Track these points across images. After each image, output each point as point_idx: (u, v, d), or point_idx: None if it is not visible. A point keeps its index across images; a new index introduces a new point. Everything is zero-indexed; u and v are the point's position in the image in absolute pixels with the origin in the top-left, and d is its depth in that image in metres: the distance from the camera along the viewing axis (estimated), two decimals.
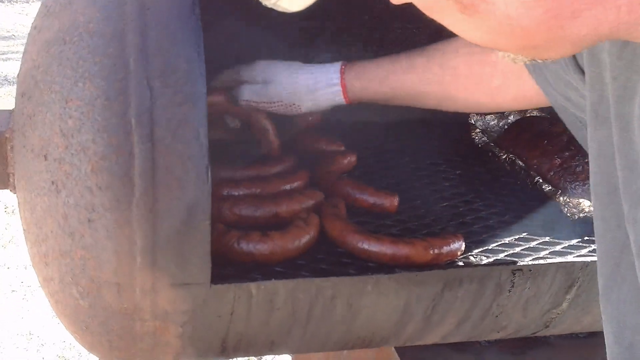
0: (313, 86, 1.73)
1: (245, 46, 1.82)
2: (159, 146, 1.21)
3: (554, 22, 0.74)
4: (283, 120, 1.94)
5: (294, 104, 1.78)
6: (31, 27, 1.41)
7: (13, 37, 6.20)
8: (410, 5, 0.82)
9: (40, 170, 1.27)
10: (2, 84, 5.52)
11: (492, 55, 1.50)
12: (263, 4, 0.87)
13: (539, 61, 0.86)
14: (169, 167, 1.22)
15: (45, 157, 1.25)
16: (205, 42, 1.26)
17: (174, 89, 1.23)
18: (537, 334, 1.77)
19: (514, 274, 1.50)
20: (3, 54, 5.90)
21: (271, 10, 1.68)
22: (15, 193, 1.43)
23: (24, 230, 1.42)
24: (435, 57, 1.57)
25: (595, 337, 1.95)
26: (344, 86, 1.71)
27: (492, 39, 0.81)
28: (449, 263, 1.53)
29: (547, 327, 1.71)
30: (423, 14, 0.83)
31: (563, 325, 1.72)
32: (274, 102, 1.77)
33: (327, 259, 1.53)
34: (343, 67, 1.70)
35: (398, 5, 0.83)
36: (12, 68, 5.67)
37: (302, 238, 1.51)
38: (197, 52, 1.26)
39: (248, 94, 1.77)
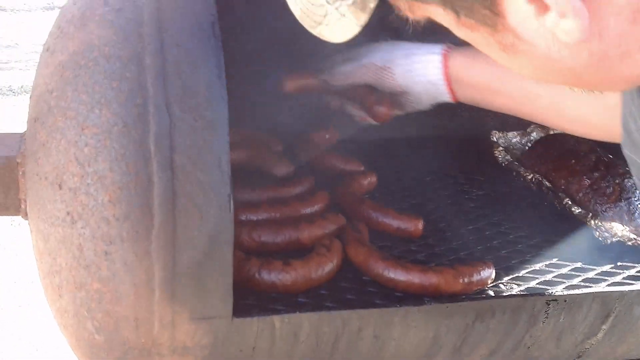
0: (411, 50, 1.58)
1: (267, 62, 1.76)
2: (179, 174, 1.15)
3: (602, 64, 0.71)
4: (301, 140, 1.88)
5: (385, 67, 1.61)
6: (43, 48, 1.36)
7: (17, 45, 6.18)
8: None
9: (54, 199, 1.21)
10: (7, 95, 5.48)
11: None
12: (310, 32, 0.85)
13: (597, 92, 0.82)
14: (189, 196, 1.16)
15: (60, 186, 1.19)
16: (226, 60, 1.21)
17: (194, 114, 1.17)
18: None
19: (549, 305, 1.43)
20: (6, 63, 5.87)
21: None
22: (27, 220, 1.37)
23: (36, 259, 1.36)
24: None
25: None
26: (445, 57, 1.54)
27: (539, 75, 0.78)
28: (479, 292, 1.47)
29: (579, 357, 1.64)
30: None
31: (597, 355, 1.65)
32: (366, 66, 1.63)
33: (352, 288, 1.47)
34: (448, 47, 1.55)
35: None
36: (16, 78, 5.63)
37: (325, 266, 1.44)
38: (217, 76, 1.20)
39: (343, 66, 1.67)
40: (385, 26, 1.13)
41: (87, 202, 1.17)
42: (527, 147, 2.13)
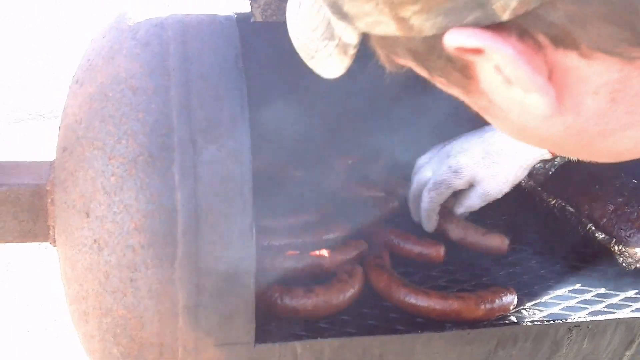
0: (522, 160, 1.64)
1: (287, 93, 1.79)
2: (203, 203, 1.18)
3: (579, 139, 0.68)
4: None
5: (512, 183, 1.69)
6: (72, 79, 1.40)
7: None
8: None
9: (81, 227, 1.24)
10: (34, 119, 5.58)
11: None
12: (305, 61, 0.86)
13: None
14: (212, 225, 1.18)
15: (87, 215, 1.23)
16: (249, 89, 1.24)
17: (218, 144, 1.20)
18: None
19: (571, 331, 1.43)
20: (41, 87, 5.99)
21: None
22: (55, 246, 1.40)
23: (63, 284, 1.39)
24: None
25: None
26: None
27: (520, 138, 0.75)
28: (501, 318, 1.47)
29: None
30: None
31: None
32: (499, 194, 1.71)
33: (373, 314, 1.48)
34: None
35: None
36: (47, 102, 5.74)
37: (347, 292, 1.46)
38: (240, 106, 1.23)
39: (478, 204, 1.72)
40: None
41: (113, 229, 1.20)
42: (550, 173, 2.13)
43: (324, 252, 1.57)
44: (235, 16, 1.37)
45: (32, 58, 6.61)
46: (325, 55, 0.77)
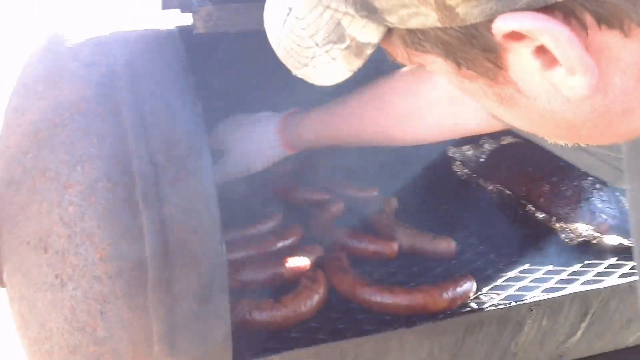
0: (258, 147, 1.69)
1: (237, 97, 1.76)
2: (170, 224, 1.14)
3: (602, 120, 0.71)
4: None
5: (249, 168, 1.73)
6: (7, 108, 1.32)
7: None
8: None
9: (39, 263, 1.17)
10: None
11: (425, 90, 1.47)
12: (293, 72, 0.82)
13: (583, 145, 0.83)
14: (182, 245, 1.15)
15: (45, 250, 1.16)
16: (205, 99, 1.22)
17: (178, 162, 1.16)
18: None
19: (532, 310, 1.48)
20: None
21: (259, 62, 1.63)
22: (5, 288, 1.32)
23: (18, 327, 1.31)
24: (369, 100, 1.53)
25: (592, 358, 1.95)
26: (284, 143, 1.68)
27: (533, 127, 0.77)
28: (463, 306, 1.50)
29: (560, 357, 1.69)
30: None
31: (576, 353, 1.71)
32: (238, 172, 1.74)
33: (341, 317, 1.48)
34: (281, 122, 1.67)
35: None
36: None
37: (313, 299, 1.45)
38: (196, 122, 1.20)
39: (221, 175, 1.72)
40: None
41: (76, 262, 1.14)
42: (481, 159, 2.20)
43: (283, 261, 1.56)
44: (178, 29, 1.33)
45: None
46: (325, 60, 0.74)
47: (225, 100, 1.65)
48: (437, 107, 1.46)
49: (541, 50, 0.64)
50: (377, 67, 0.97)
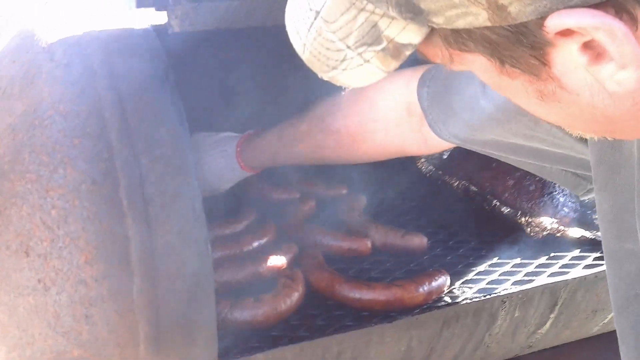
0: (220, 170, 1.70)
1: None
2: (155, 225, 1.13)
3: None
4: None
5: (214, 190, 1.72)
6: None
7: None
8: None
9: (20, 268, 1.15)
10: None
11: (372, 112, 1.47)
12: (319, 75, 0.80)
13: (609, 138, 0.84)
14: (167, 246, 1.14)
15: (27, 254, 1.14)
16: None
17: (163, 162, 1.16)
18: (518, 356, 1.80)
19: (504, 302, 1.52)
20: None
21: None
22: None
23: None
24: (317, 123, 1.54)
25: (559, 348, 2.02)
26: (243, 165, 1.68)
27: (569, 122, 0.78)
28: (438, 300, 1.54)
29: (530, 347, 1.74)
30: None
31: (544, 343, 1.76)
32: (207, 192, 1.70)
33: (320, 314, 1.49)
34: (239, 145, 1.68)
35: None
36: None
37: (293, 296, 1.46)
38: (179, 121, 1.20)
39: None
40: None
41: (60, 266, 1.12)
42: (443, 156, 2.24)
43: (260, 260, 1.56)
44: (152, 29, 1.32)
45: None
46: (357, 63, 0.73)
47: (203, 98, 1.64)
48: (385, 128, 1.47)
49: (588, 46, 0.65)
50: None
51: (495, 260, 1.74)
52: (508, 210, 1.90)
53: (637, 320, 0.95)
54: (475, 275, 1.67)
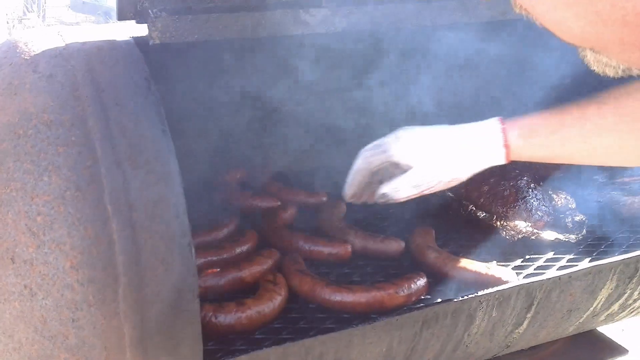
0: (471, 155, 1.48)
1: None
2: (139, 230, 1.16)
3: None
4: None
5: (453, 179, 1.51)
6: None
7: None
8: None
9: (6, 274, 1.17)
10: None
11: None
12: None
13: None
14: (152, 250, 1.17)
15: (13, 260, 1.16)
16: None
17: (145, 169, 1.18)
18: (497, 355, 1.84)
19: (482, 303, 1.56)
20: None
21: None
22: None
23: None
24: (608, 102, 1.30)
25: (537, 349, 2.06)
26: (507, 147, 1.43)
27: (596, 30, 0.74)
28: (418, 301, 1.57)
29: (508, 347, 1.78)
30: None
31: (522, 342, 1.80)
32: (435, 186, 1.51)
33: (302, 317, 1.52)
34: (503, 125, 1.43)
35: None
36: None
37: (275, 300, 1.49)
38: (161, 130, 1.22)
39: (405, 190, 1.51)
40: None
41: (46, 271, 1.14)
42: None
43: (242, 266, 1.59)
44: (134, 40, 1.35)
45: None
46: None
47: (184, 107, 1.67)
48: None
49: None
50: None
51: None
52: (484, 214, 1.95)
53: None
54: None
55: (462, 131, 1.47)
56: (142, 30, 1.38)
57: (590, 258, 1.81)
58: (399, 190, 1.50)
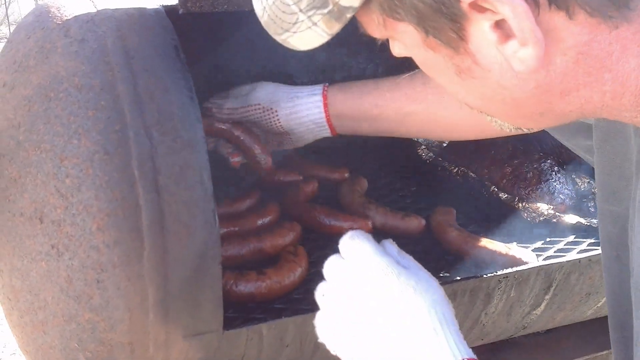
0: (293, 93, 1.61)
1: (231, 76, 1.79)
2: (165, 195, 1.18)
3: (544, 97, 0.78)
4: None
5: (271, 109, 1.62)
6: None
7: None
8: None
9: (34, 234, 1.20)
10: None
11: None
12: (274, 37, 0.88)
13: (525, 130, 0.92)
14: (176, 215, 1.19)
15: (41, 220, 1.18)
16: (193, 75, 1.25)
17: (172, 135, 1.20)
18: (513, 336, 1.85)
19: (501, 282, 1.56)
20: None
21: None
22: None
23: (7, 300, 1.33)
24: (418, 76, 1.46)
25: (553, 332, 2.06)
26: (324, 97, 1.58)
27: (483, 104, 0.85)
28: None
29: (524, 328, 1.79)
30: None
31: (539, 324, 1.81)
32: (252, 106, 1.63)
33: None
34: (326, 85, 1.60)
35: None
36: None
37: (296, 271, 1.51)
38: (189, 97, 1.24)
39: (230, 102, 1.65)
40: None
41: (73, 232, 1.16)
42: (444, 143, 2.28)
43: (264, 237, 1.60)
44: (163, 8, 1.36)
45: None
46: (306, 26, 0.81)
47: (212, 77, 1.69)
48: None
49: (499, 25, 0.72)
50: None
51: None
52: (506, 196, 1.95)
53: (614, 280, 1.00)
54: None
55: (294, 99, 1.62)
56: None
57: None
58: (225, 103, 1.66)
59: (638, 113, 0.79)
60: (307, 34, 0.83)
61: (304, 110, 1.62)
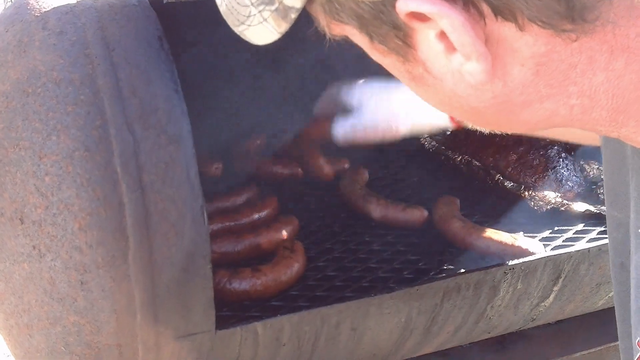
0: (412, 106, 1.49)
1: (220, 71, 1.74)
2: (150, 192, 1.13)
3: (503, 107, 0.73)
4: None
5: (392, 128, 1.53)
6: None
7: None
8: None
9: (15, 235, 1.15)
10: None
11: None
12: (232, 29, 0.83)
13: (497, 131, 0.86)
14: (162, 214, 1.14)
15: (22, 221, 1.14)
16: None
17: (157, 130, 1.15)
18: (522, 329, 1.79)
19: (507, 274, 1.50)
20: None
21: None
22: None
23: None
24: None
25: (565, 323, 2.00)
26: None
27: (445, 108, 0.80)
28: (440, 271, 1.53)
29: (533, 320, 1.73)
30: None
31: (548, 316, 1.75)
32: (371, 129, 1.52)
33: (319, 285, 1.49)
34: None
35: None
36: None
37: (293, 267, 1.46)
38: (174, 89, 1.19)
39: (344, 128, 1.53)
40: None
41: (54, 233, 1.12)
42: (447, 132, 2.22)
43: (260, 232, 1.56)
44: None
45: None
46: (258, 21, 0.76)
47: (198, 69, 1.64)
48: None
49: (444, 35, 0.66)
50: None
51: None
52: (511, 184, 1.88)
53: (621, 289, 0.94)
54: None
55: None
56: None
57: None
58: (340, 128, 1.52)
59: (614, 128, 0.72)
60: (259, 29, 0.78)
61: (427, 121, 1.51)
